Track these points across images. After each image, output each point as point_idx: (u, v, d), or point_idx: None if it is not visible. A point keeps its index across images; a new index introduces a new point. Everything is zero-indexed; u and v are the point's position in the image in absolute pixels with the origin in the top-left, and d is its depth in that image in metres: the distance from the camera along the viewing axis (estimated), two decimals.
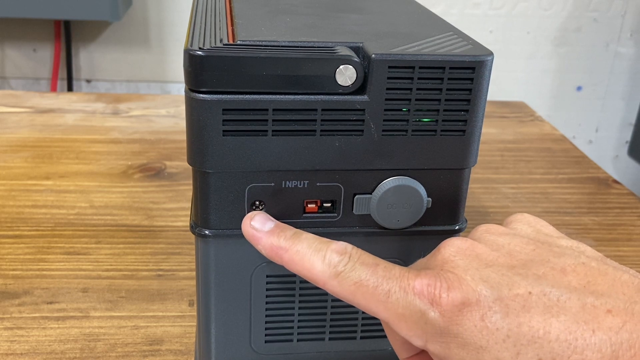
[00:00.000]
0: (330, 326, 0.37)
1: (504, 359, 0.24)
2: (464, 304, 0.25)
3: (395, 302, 0.26)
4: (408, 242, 0.35)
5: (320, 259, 0.29)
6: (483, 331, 0.25)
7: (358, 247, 0.29)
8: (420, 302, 0.26)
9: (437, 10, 1.61)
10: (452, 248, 0.28)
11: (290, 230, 0.31)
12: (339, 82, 0.30)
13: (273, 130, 0.30)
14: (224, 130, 0.30)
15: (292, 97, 0.30)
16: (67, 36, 1.58)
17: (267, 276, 0.35)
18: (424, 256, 0.30)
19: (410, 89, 0.30)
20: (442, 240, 0.29)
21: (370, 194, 0.33)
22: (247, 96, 0.30)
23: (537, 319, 0.24)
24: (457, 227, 0.34)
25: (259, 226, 0.31)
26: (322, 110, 0.30)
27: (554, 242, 0.29)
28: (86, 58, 1.64)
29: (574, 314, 0.24)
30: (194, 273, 0.52)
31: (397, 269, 0.28)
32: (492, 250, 0.28)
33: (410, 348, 0.31)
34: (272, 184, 0.32)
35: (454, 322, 0.25)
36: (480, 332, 0.25)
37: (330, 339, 0.37)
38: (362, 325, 0.37)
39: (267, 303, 0.35)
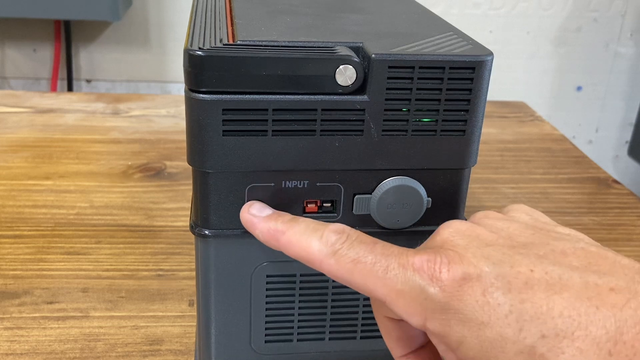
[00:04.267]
0: (330, 326, 0.37)
1: (507, 335, 0.24)
2: (464, 279, 0.25)
3: (394, 277, 0.26)
4: (408, 242, 0.34)
5: (318, 239, 0.28)
6: (485, 307, 0.24)
7: None
8: (420, 278, 0.26)
9: (437, 10, 1.61)
10: (450, 229, 0.28)
11: (288, 215, 0.31)
12: (339, 82, 0.30)
13: (273, 130, 0.30)
14: (224, 130, 0.30)
15: (292, 97, 0.30)
16: (67, 36, 1.58)
17: (267, 276, 0.35)
18: None
19: (410, 89, 0.30)
20: None
21: (370, 194, 0.33)
22: (247, 96, 0.30)
23: (540, 295, 0.24)
24: None
25: (256, 212, 0.31)
26: (322, 110, 0.30)
27: (551, 228, 0.28)
28: (86, 58, 1.64)
29: (577, 291, 0.24)
30: (194, 273, 0.52)
31: (395, 247, 0.27)
32: (491, 232, 0.27)
33: (405, 344, 0.31)
34: (272, 184, 0.32)
35: (454, 298, 0.25)
36: (481, 308, 0.24)
37: (330, 338, 0.37)
38: (362, 325, 0.37)
39: (267, 303, 0.35)
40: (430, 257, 0.26)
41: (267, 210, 0.31)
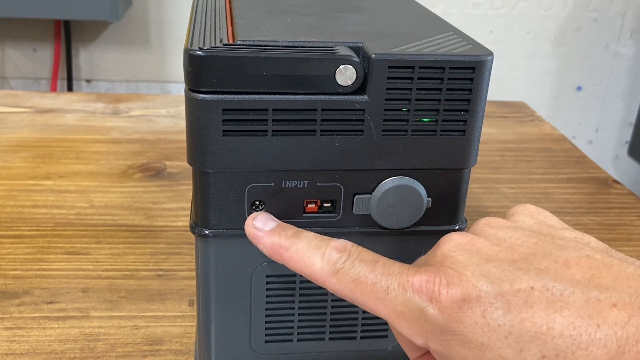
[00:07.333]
0: (330, 326, 0.37)
1: (507, 356, 0.24)
2: (464, 300, 0.25)
3: (394, 299, 0.26)
4: (408, 242, 0.35)
5: (320, 257, 0.28)
6: (484, 328, 0.24)
7: None
8: (419, 299, 0.25)
9: (437, 10, 1.61)
10: (451, 243, 0.27)
11: (291, 229, 0.31)
12: (339, 82, 0.30)
13: (273, 130, 0.30)
14: (224, 130, 0.30)
15: (292, 97, 0.30)
16: (67, 36, 1.58)
17: (267, 276, 0.35)
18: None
19: (410, 89, 0.30)
20: None
21: (370, 194, 0.33)
22: (247, 96, 0.30)
23: (540, 314, 0.24)
24: (457, 227, 0.34)
25: (260, 225, 0.31)
26: (322, 110, 0.30)
27: (557, 234, 0.28)
28: (86, 58, 1.64)
29: (577, 308, 0.24)
30: (194, 273, 0.52)
31: (396, 266, 0.27)
32: (492, 245, 0.27)
33: (419, 348, 0.31)
34: (272, 184, 0.32)
35: (454, 319, 0.25)
36: (481, 329, 0.24)
37: (330, 339, 0.37)
38: (362, 325, 0.37)
39: (267, 303, 0.35)
40: (429, 277, 0.26)
41: (271, 223, 0.31)
